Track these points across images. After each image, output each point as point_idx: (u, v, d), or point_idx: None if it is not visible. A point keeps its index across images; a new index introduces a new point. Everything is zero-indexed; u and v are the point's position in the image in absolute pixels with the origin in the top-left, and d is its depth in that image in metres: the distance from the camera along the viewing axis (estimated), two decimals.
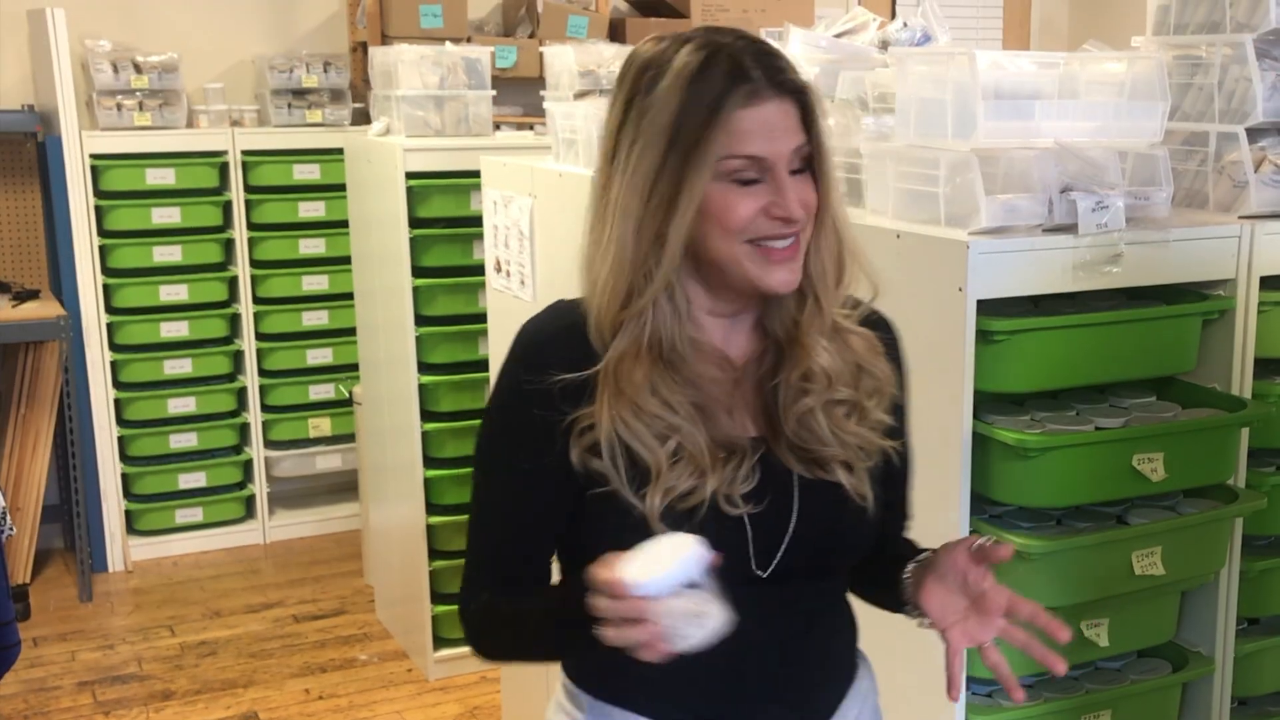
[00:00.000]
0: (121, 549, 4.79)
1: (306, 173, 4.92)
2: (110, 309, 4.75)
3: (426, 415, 3.78)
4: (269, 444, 5.08)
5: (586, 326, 1.39)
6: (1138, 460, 2.03)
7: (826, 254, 1.39)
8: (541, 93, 3.57)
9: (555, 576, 1.50)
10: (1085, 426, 2.04)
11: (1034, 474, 1.86)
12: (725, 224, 1.32)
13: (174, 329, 4.85)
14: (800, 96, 1.33)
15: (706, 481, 1.33)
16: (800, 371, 1.39)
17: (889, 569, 1.47)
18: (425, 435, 3.78)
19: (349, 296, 4.47)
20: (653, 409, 1.33)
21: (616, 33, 5.03)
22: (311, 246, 4.98)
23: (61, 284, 4.63)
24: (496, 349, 3.25)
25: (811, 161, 1.35)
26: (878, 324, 1.50)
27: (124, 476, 4.84)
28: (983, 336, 1.95)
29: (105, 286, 4.73)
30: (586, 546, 1.33)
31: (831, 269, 1.40)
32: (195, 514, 4.98)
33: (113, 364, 4.77)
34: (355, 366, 4.53)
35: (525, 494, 1.40)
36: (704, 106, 1.30)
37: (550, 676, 3.02)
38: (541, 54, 3.69)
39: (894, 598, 1.46)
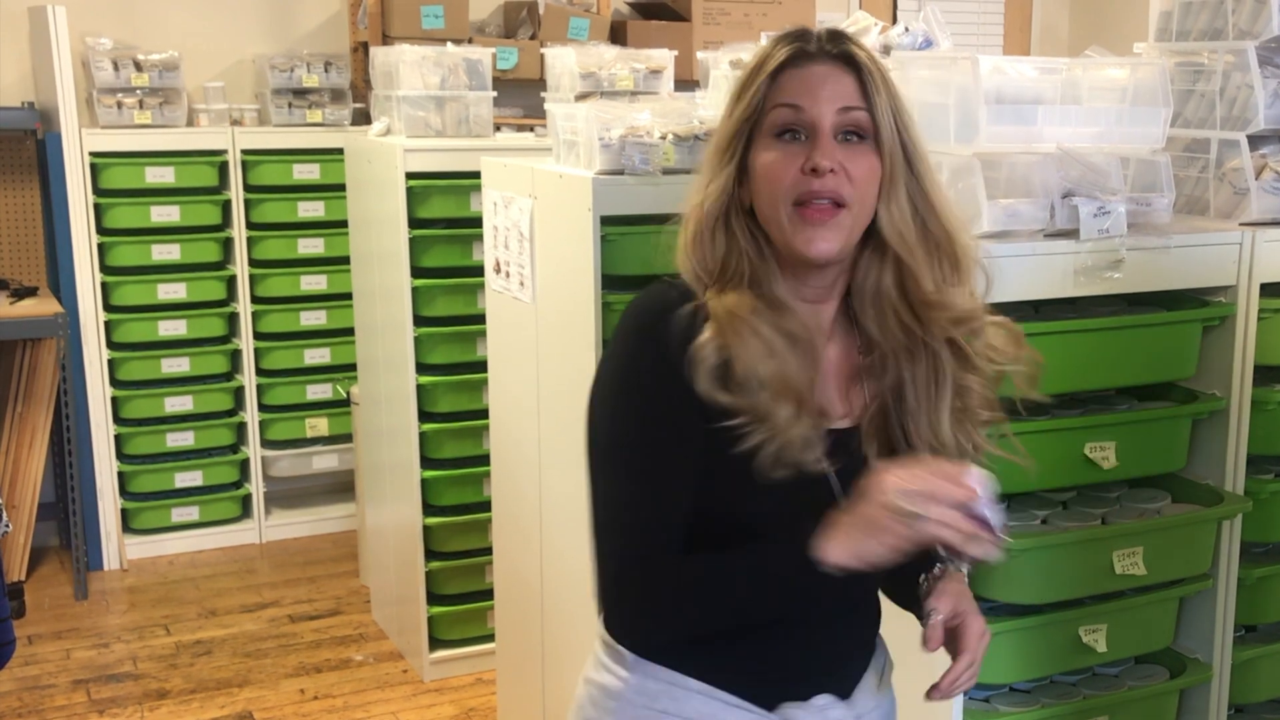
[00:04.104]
0: (117, 547, 4.79)
1: (306, 172, 4.92)
2: (108, 307, 4.75)
3: (424, 416, 3.78)
4: (266, 443, 5.07)
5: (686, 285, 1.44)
6: (1090, 449, 2.06)
7: (904, 224, 1.40)
8: (542, 94, 3.57)
9: None
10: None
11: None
12: (771, 182, 1.38)
13: (172, 327, 4.85)
14: (855, 67, 1.38)
15: (803, 415, 1.36)
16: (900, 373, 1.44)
17: (914, 568, 1.49)
18: (423, 436, 3.78)
19: (347, 296, 4.47)
20: (763, 331, 1.37)
21: (618, 35, 5.03)
22: (310, 246, 4.97)
23: (60, 281, 4.63)
24: (495, 350, 3.24)
25: (875, 137, 1.38)
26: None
27: (120, 475, 4.83)
28: None
29: (103, 284, 4.72)
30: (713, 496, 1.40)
31: (920, 248, 1.41)
32: (191, 513, 4.97)
33: (110, 362, 4.77)
34: (353, 366, 4.53)
35: (678, 466, 1.41)
36: (762, 68, 1.40)
37: (547, 676, 3.02)
38: (543, 56, 3.69)
39: (909, 595, 1.53)
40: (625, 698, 1.49)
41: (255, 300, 4.94)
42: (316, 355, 5.04)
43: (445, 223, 3.73)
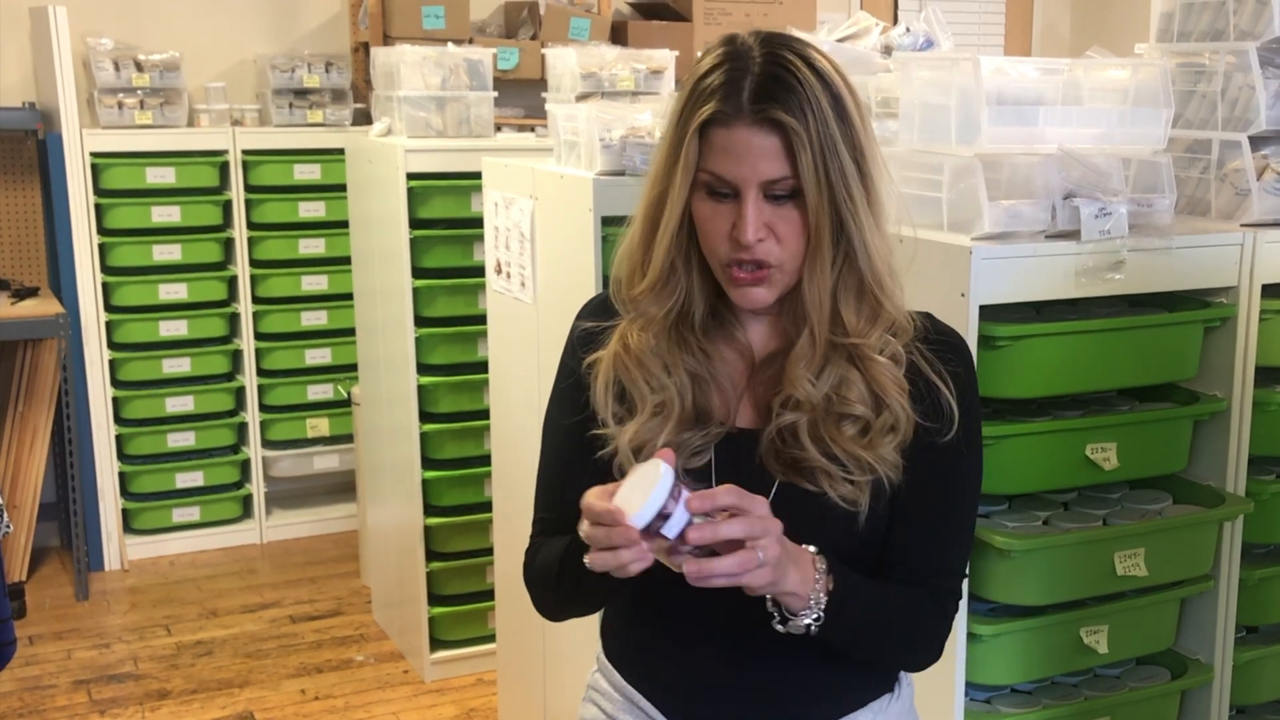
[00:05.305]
0: (118, 548, 4.79)
1: (307, 173, 4.92)
2: (109, 307, 4.75)
3: (425, 416, 3.78)
4: (267, 444, 5.07)
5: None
6: (1091, 450, 2.06)
7: (824, 286, 1.38)
8: (543, 94, 3.57)
9: None
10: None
11: (989, 464, 1.90)
12: (704, 238, 1.40)
13: (173, 328, 4.85)
14: (781, 130, 1.33)
15: (663, 435, 1.40)
16: (782, 397, 1.41)
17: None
18: (424, 436, 3.78)
19: (348, 297, 4.47)
20: (654, 368, 1.42)
21: (618, 35, 5.02)
22: (311, 246, 4.97)
23: (61, 282, 4.63)
24: (496, 351, 3.24)
25: (800, 196, 1.35)
26: (925, 334, 1.46)
27: (121, 475, 4.83)
28: (985, 342, 1.95)
29: (104, 285, 4.72)
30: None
31: (839, 297, 1.40)
32: (192, 513, 4.97)
33: (111, 362, 4.77)
34: (354, 367, 4.53)
35: (568, 443, 1.50)
36: (692, 115, 1.36)
37: (548, 676, 3.02)
38: (544, 56, 3.69)
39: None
40: (589, 681, 1.61)
41: (256, 300, 4.94)
42: (317, 355, 5.04)
43: (446, 223, 3.73)
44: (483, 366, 3.57)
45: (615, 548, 1.24)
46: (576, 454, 1.47)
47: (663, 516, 1.24)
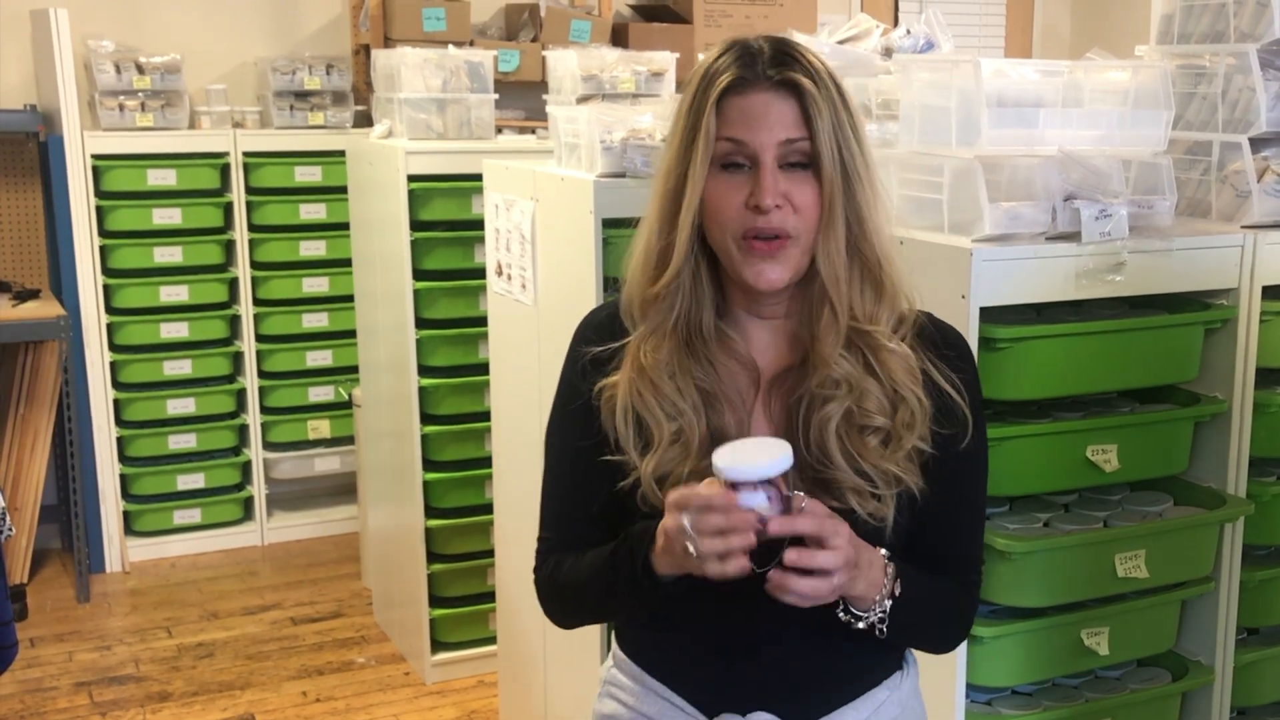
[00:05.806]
0: (119, 550, 4.79)
1: (308, 175, 4.92)
2: (110, 309, 4.75)
3: (426, 418, 3.78)
4: (268, 446, 5.07)
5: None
6: (1091, 452, 2.06)
7: (838, 260, 1.40)
8: (544, 97, 3.57)
9: None
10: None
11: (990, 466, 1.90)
12: (717, 215, 1.39)
13: (174, 330, 4.85)
14: (798, 92, 1.37)
15: (686, 465, 1.40)
16: (818, 379, 1.42)
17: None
18: (425, 438, 3.78)
19: (349, 299, 4.47)
20: (667, 390, 1.42)
21: (619, 37, 5.03)
22: (312, 249, 4.98)
23: (62, 284, 4.63)
24: (497, 353, 3.25)
25: (816, 162, 1.38)
26: (931, 337, 1.48)
27: (122, 477, 4.84)
28: (986, 344, 1.95)
29: (105, 287, 4.73)
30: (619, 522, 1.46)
31: (849, 277, 1.41)
32: (193, 515, 4.98)
33: (112, 364, 4.77)
34: (355, 369, 4.53)
35: (575, 465, 1.50)
36: (706, 92, 1.39)
37: (549, 678, 3.02)
38: (544, 58, 3.70)
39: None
40: (605, 677, 1.61)
41: (257, 302, 4.94)
42: (318, 357, 5.04)
43: (447, 225, 3.73)
44: (483, 368, 3.57)
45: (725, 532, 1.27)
46: (586, 478, 1.48)
47: (753, 489, 1.27)
